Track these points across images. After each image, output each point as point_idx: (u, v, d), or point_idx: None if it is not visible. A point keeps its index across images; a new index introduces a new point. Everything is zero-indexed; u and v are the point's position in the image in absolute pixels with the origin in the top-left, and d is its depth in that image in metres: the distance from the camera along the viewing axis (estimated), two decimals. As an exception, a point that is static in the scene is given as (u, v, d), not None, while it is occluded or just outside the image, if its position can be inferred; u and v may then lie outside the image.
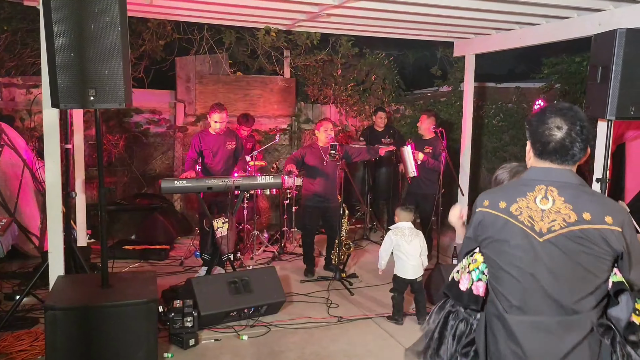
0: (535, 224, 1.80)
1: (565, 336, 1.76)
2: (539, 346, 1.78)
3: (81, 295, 3.56)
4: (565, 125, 1.81)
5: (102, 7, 3.24)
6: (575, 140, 1.81)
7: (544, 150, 1.86)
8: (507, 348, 1.83)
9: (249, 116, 6.76)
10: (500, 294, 1.88)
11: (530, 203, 1.83)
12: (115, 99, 3.36)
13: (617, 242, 1.75)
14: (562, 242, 1.77)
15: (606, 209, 1.77)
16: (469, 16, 5.50)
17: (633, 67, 4.35)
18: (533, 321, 1.80)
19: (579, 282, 1.77)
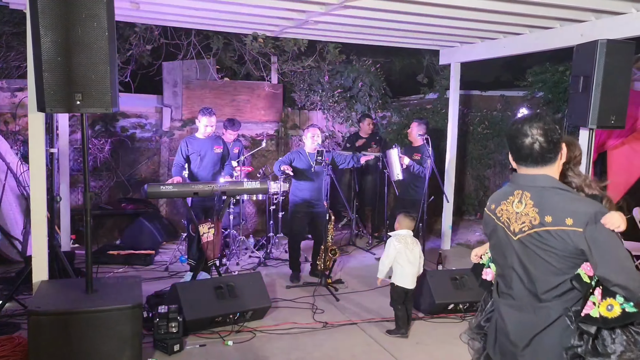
0: (510, 224, 2.08)
1: (538, 319, 2.02)
2: (516, 324, 2.08)
3: (65, 301, 3.54)
4: (530, 131, 2.01)
5: (90, 12, 3.25)
6: (539, 142, 2.00)
7: (517, 156, 2.08)
8: (500, 322, 2.16)
9: (235, 120, 6.77)
10: (498, 282, 2.23)
11: (509, 206, 2.10)
12: (101, 104, 3.36)
13: (578, 241, 1.91)
14: (529, 241, 2.01)
15: (569, 211, 1.94)
16: (455, 25, 5.58)
17: (614, 77, 4.44)
18: (515, 304, 2.09)
19: (544, 275, 2.00)
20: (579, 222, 1.91)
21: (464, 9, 4.86)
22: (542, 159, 2.02)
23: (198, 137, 5.69)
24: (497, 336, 2.20)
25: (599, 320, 1.92)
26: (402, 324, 4.53)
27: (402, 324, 4.53)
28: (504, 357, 2.16)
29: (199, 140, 5.68)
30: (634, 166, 6.31)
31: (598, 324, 1.93)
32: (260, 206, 7.80)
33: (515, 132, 2.05)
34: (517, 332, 2.07)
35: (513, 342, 2.09)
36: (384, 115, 8.88)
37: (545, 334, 2.01)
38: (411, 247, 4.55)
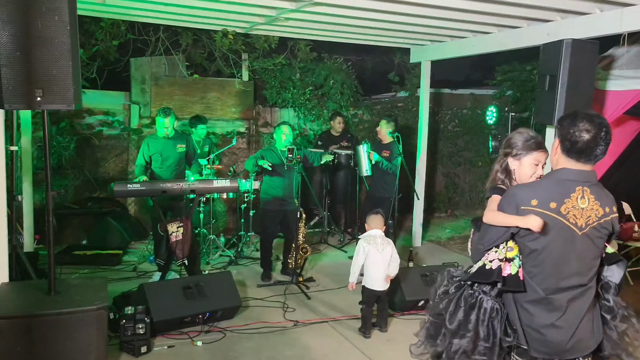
0: (577, 220, 2.17)
1: (586, 299, 2.24)
2: (572, 310, 2.20)
3: (26, 303, 3.42)
4: (593, 129, 2.14)
5: (51, 5, 3.14)
6: (599, 143, 2.15)
7: (571, 148, 2.17)
8: (543, 319, 2.20)
9: (200, 117, 6.67)
10: (538, 278, 2.21)
11: (574, 203, 2.17)
12: (63, 100, 3.26)
13: (616, 224, 2.26)
14: (591, 232, 2.19)
15: (612, 201, 2.26)
16: (425, 24, 5.61)
17: (579, 75, 4.53)
18: (567, 296, 2.20)
19: (594, 259, 2.25)
20: (616, 208, 2.25)
21: (433, 8, 4.89)
22: (594, 157, 2.17)
23: (159, 137, 5.58)
24: (530, 333, 2.23)
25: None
26: (366, 323, 4.51)
27: (366, 323, 4.51)
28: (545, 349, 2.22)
29: (160, 140, 5.58)
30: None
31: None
32: (231, 204, 7.72)
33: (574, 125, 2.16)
34: (570, 319, 2.19)
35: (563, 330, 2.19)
36: (355, 113, 8.89)
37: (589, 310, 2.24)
38: (381, 247, 4.45)
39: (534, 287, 2.21)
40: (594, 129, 2.13)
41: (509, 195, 2.27)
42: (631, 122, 6.42)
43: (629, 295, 5.55)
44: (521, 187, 2.31)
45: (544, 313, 2.20)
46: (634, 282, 5.91)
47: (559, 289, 2.19)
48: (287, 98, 8.28)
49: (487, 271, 2.30)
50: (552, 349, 2.21)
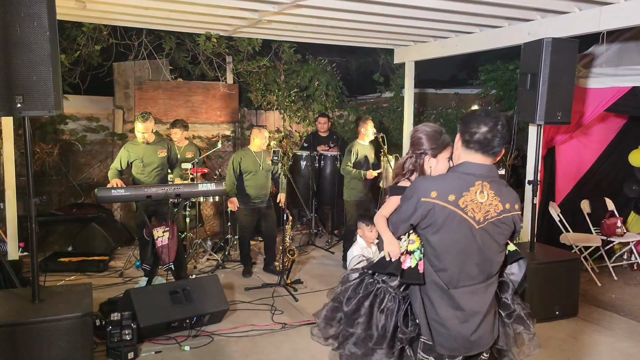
0: (475, 214, 2.19)
1: (488, 294, 2.27)
2: (475, 305, 2.23)
3: (10, 311, 3.38)
4: (489, 123, 2.18)
5: (29, 11, 3.11)
6: (495, 135, 2.18)
7: (470, 141, 2.21)
8: (448, 312, 2.22)
9: (180, 121, 6.64)
10: (440, 271, 2.23)
11: (472, 197, 2.19)
12: (44, 106, 3.23)
13: (518, 222, 2.27)
14: (490, 227, 2.21)
15: (515, 198, 2.28)
16: (408, 24, 5.64)
17: (559, 74, 4.58)
18: (469, 289, 2.23)
19: (496, 255, 2.27)
20: (519, 207, 2.26)
21: (416, 8, 4.92)
22: (490, 149, 2.20)
23: (139, 142, 5.55)
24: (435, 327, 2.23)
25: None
26: None
27: None
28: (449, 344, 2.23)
29: (140, 146, 5.54)
30: (582, 160, 6.54)
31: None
32: (218, 208, 7.70)
33: (472, 120, 2.22)
34: (473, 313, 2.22)
35: (468, 324, 2.21)
36: (341, 114, 8.91)
37: (490, 305, 2.27)
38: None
39: (437, 280, 2.22)
40: (491, 122, 2.17)
41: (412, 186, 2.31)
42: (613, 119, 6.52)
43: (614, 289, 5.65)
44: (424, 179, 2.35)
45: (448, 306, 2.21)
46: (618, 277, 5.98)
47: (461, 282, 2.21)
48: (272, 100, 8.27)
49: (385, 262, 2.36)
50: (456, 343, 2.22)
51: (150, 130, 5.50)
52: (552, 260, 4.87)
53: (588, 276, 5.81)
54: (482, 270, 2.22)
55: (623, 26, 4.60)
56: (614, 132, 6.64)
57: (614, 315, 4.98)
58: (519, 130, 6.08)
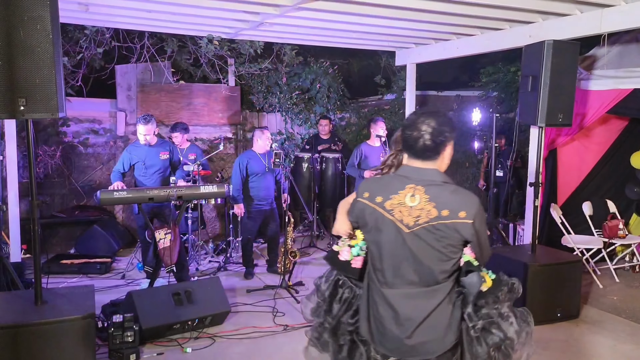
0: (403, 217, 2.13)
1: (428, 301, 2.17)
2: (410, 309, 2.18)
3: (13, 313, 3.40)
4: (417, 125, 2.12)
5: (32, 14, 3.14)
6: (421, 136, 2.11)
7: (403, 144, 2.19)
8: (386, 312, 2.21)
9: (180, 124, 6.66)
10: (377, 271, 2.23)
11: (401, 200, 2.14)
12: (47, 109, 3.25)
13: (467, 232, 2.10)
14: (422, 233, 2.11)
15: (462, 205, 2.10)
16: (409, 27, 5.65)
17: (560, 76, 4.59)
18: (404, 292, 2.18)
19: (434, 262, 2.14)
20: (470, 215, 2.08)
21: (417, 11, 4.93)
22: (422, 153, 2.13)
23: (141, 145, 5.57)
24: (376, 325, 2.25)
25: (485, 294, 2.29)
26: None
27: None
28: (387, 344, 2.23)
29: (142, 148, 5.56)
30: (584, 162, 6.54)
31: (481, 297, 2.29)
32: (220, 210, 7.71)
33: (409, 122, 2.15)
34: (408, 317, 2.17)
35: (403, 327, 2.17)
36: (342, 117, 8.92)
37: (436, 314, 2.17)
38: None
39: (375, 279, 2.25)
40: (418, 124, 2.11)
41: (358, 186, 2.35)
42: (615, 121, 6.52)
43: (615, 292, 5.64)
44: (366, 179, 2.36)
45: (386, 305, 2.21)
46: (619, 279, 5.98)
47: (397, 285, 2.18)
48: (274, 103, 8.29)
49: (328, 252, 2.51)
50: (390, 344, 2.21)
51: (152, 132, 5.52)
52: (553, 262, 4.87)
53: (590, 278, 5.80)
54: (420, 276, 2.15)
55: (624, 28, 4.60)
56: (616, 134, 6.64)
57: (615, 317, 4.98)
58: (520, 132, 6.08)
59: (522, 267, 4.69)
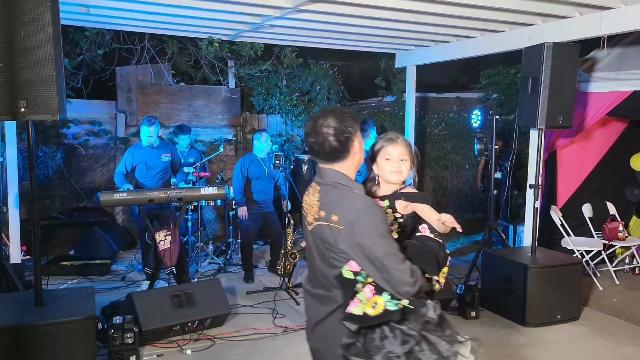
0: (308, 215, 2.12)
1: (321, 306, 2.09)
2: (309, 309, 2.19)
3: (13, 315, 3.40)
4: (321, 129, 1.99)
5: (34, 16, 3.15)
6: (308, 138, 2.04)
7: (312, 152, 2.08)
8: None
9: (182, 126, 6.67)
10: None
11: (307, 198, 2.15)
12: (48, 110, 3.25)
13: (340, 239, 1.94)
14: (315, 232, 2.06)
15: (338, 208, 1.96)
16: (409, 29, 5.66)
17: (560, 78, 4.59)
18: (309, 289, 2.18)
19: (325, 267, 2.06)
20: (342, 220, 1.93)
21: (417, 13, 4.93)
22: (330, 156, 2.02)
23: (144, 146, 5.59)
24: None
25: (360, 318, 1.93)
26: None
27: None
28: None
29: (145, 149, 5.58)
30: (584, 164, 6.54)
31: (358, 321, 1.94)
32: (220, 212, 7.71)
33: (309, 129, 2.04)
34: (308, 316, 2.20)
35: (308, 324, 2.20)
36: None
37: (326, 323, 2.06)
38: None
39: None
40: (318, 129, 2.00)
41: None
42: (614, 123, 6.52)
43: (615, 294, 5.64)
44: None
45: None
46: (619, 281, 5.98)
47: (310, 282, 2.20)
48: (274, 105, 8.30)
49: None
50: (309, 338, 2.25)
51: (156, 134, 5.54)
52: (553, 264, 4.87)
53: (590, 280, 5.80)
54: (319, 277, 2.09)
55: (624, 31, 4.61)
56: (615, 136, 6.64)
57: (615, 319, 4.97)
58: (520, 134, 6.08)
59: (522, 269, 4.69)
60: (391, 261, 1.90)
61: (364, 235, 1.90)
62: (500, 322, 4.80)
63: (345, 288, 1.98)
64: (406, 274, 1.90)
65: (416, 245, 2.15)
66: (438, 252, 2.15)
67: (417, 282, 1.92)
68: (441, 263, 2.15)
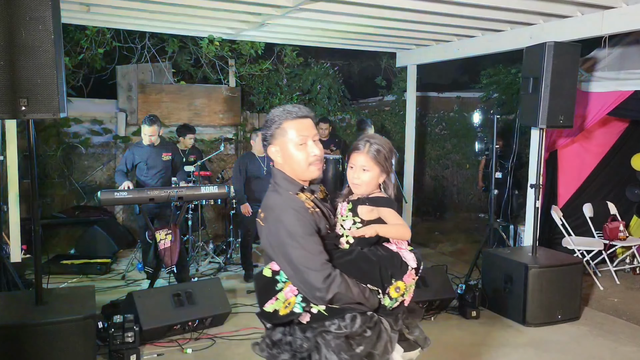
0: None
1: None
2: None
3: (13, 313, 3.40)
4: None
5: (34, 15, 3.13)
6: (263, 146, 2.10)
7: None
8: None
9: (187, 125, 6.67)
10: None
11: None
12: (48, 109, 3.24)
13: (262, 237, 2.00)
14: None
15: (264, 206, 2.02)
16: (410, 28, 5.65)
17: (561, 78, 4.58)
18: None
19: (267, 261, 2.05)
20: (265, 218, 1.97)
21: (418, 12, 4.93)
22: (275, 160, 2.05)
23: (145, 145, 5.59)
24: None
25: (269, 316, 1.95)
26: None
27: None
28: None
29: (145, 148, 5.59)
30: (584, 164, 6.54)
31: (266, 318, 1.97)
32: (220, 211, 7.70)
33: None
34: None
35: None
36: (342, 118, 8.92)
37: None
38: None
39: None
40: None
41: None
42: (615, 123, 6.52)
43: (616, 294, 5.64)
44: None
45: None
46: (620, 281, 5.97)
47: None
48: (275, 104, 8.29)
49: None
50: None
51: (157, 133, 5.53)
52: (554, 264, 4.87)
53: (590, 280, 5.80)
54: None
55: (625, 30, 4.60)
56: (616, 136, 6.64)
57: (616, 319, 4.97)
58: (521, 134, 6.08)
59: (522, 269, 4.69)
60: (304, 264, 1.87)
61: (277, 235, 1.90)
62: (501, 322, 4.80)
63: (261, 286, 1.98)
64: (318, 279, 1.85)
65: (360, 254, 2.02)
66: (386, 263, 2.01)
67: (331, 289, 1.86)
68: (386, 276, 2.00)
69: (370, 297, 1.96)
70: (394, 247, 2.09)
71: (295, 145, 2.00)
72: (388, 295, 2.00)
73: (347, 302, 1.91)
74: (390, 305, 2.01)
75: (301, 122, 2.04)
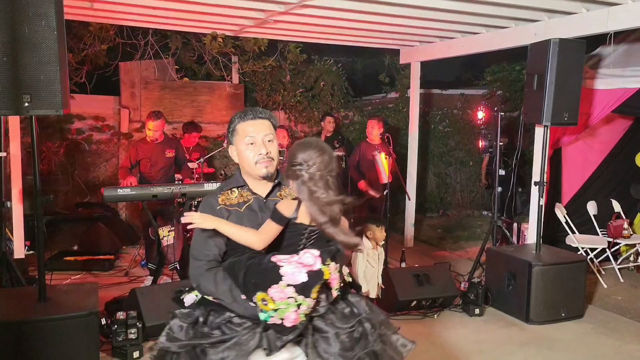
0: None
1: None
2: None
3: (16, 310, 3.40)
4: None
5: (37, 11, 3.13)
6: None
7: None
8: None
9: (195, 123, 6.66)
10: None
11: None
12: (51, 105, 3.24)
13: None
14: None
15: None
16: (414, 24, 5.64)
17: (566, 75, 4.56)
18: None
19: None
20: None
21: (422, 9, 4.91)
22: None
23: (148, 142, 5.60)
24: None
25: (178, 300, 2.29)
26: None
27: None
28: None
29: (149, 145, 5.59)
30: (588, 161, 6.52)
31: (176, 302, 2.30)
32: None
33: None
34: None
35: None
36: (346, 115, 8.90)
37: None
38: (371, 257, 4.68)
39: None
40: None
41: None
42: (619, 120, 6.49)
43: (620, 292, 5.62)
44: None
45: None
46: (624, 279, 5.96)
47: None
48: (278, 100, 8.28)
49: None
50: None
51: (161, 129, 5.54)
52: (558, 262, 4.85)
53: (594, 278, 5.78)
54: None
55: (630, 27, 4.58)
56: (620, 133, 6.61)
57: (620, 317, 4.95)
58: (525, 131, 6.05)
59: (526, 267, 4.67)
60: (193, 256, 2.18)
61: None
62: (504, 320, 4.79)
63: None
64: (194, 272, 2.16)
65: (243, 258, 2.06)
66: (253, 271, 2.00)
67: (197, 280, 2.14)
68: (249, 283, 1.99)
69: (240, 301, 2.04)
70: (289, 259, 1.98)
71: (245, 145, 2.15)
72: (256, 304, 1.96)
73: (209, 294, 2.12)
74: (265, 318, 1.94)
75: (254, 123, 2.16)
